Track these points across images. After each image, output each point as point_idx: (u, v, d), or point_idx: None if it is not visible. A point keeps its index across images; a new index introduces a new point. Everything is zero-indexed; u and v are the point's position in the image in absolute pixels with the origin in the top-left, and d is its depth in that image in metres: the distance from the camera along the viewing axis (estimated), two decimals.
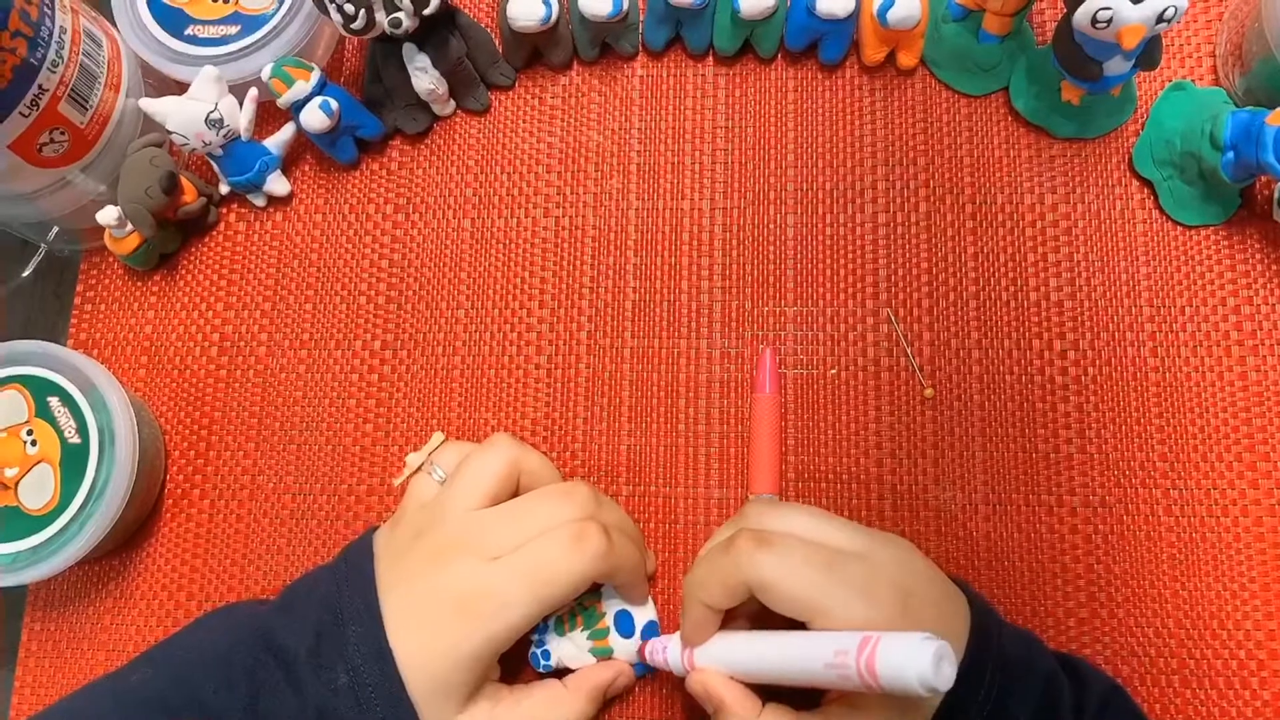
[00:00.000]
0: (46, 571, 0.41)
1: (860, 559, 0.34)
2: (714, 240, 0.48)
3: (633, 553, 0.39)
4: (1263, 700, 0.41)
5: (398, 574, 0.37)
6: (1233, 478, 0.43)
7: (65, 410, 0.43)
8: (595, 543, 0.37)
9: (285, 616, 0.37)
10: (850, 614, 0.32)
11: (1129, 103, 0.47)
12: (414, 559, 0.37)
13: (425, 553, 0.37)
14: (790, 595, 0.33)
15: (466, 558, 0.36)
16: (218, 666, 0.36)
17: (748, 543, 0.34)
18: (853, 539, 0.35)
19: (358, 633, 0.35)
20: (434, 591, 0.36)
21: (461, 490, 0.39)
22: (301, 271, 0.49)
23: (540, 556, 0.36)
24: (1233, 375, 0.44)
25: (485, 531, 0.37)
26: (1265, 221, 0.46)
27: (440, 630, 0.35)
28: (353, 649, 0.35)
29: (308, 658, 0.35)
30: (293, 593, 0.38)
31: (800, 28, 0.47)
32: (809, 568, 0.33)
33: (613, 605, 0.41)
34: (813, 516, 0.36)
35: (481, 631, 0.35)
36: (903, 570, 0.35)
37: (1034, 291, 0.46)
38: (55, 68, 0.43)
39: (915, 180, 0.48)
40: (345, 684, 0.34)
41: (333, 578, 0.38)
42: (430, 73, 0.47)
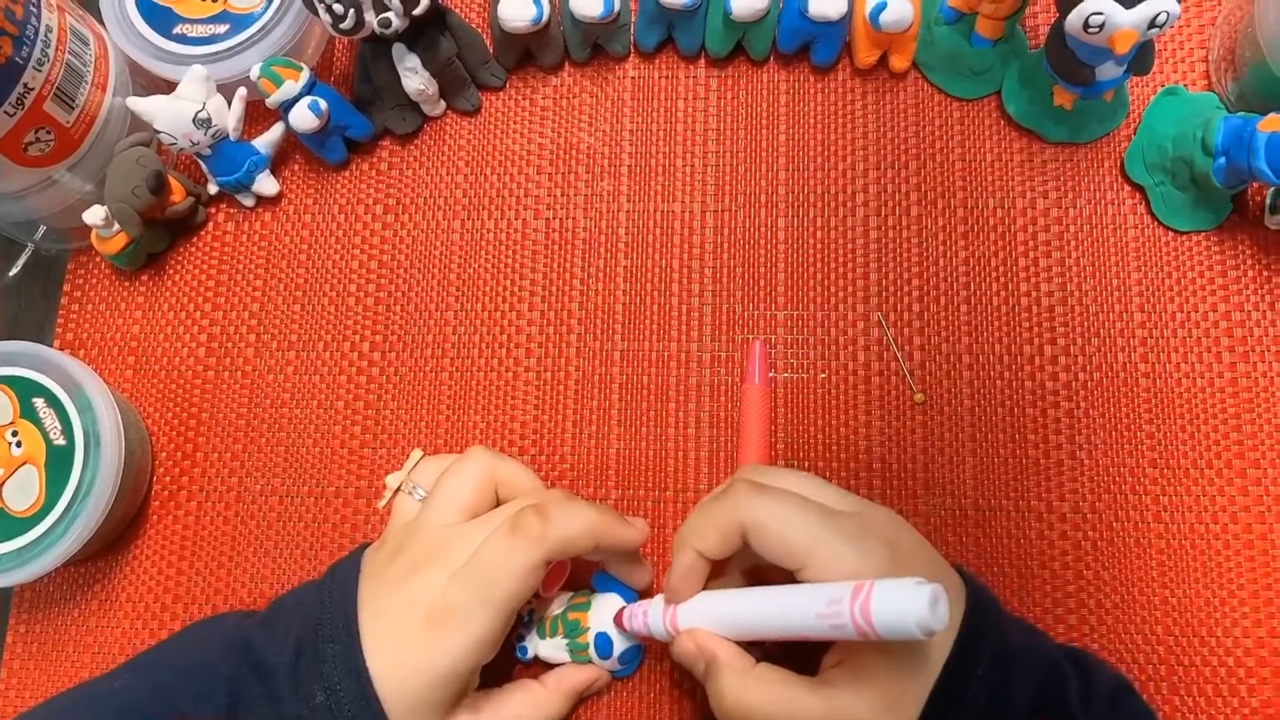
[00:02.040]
0: (31, 574, 0.41)
1: (852, 516, 0.34)
2: (705, 243, 0.48)
3: (577, 518, 0.36)
4: (1251, 708, 0.41)
5: (375, 591, 0.37)
6: (1222, 484, 0.43)
7: (50, 411, 0.43)
8: (529, 526, 0.35)
9: (268, 631, 0.36)
10: (842, 562, 0.32)
11: (1121, 108, 0.47)
12: (390, 576, 0.37)
13: (400, 569, 0.37)
14: (784, 538, 0.33)
15: (435, 572, 0.36)
16: (198, 677, 0.35)
17: (745, 487, 0.34)
18: (845, 500, 0.36)
19: (335, 650, 0.35)
20: (406, 608, 0.35)
21: (437, 505, 0.38)
22: (290, 272, 0.49)
23: (483, 559, 0.36)
24: (1223, 381, 0.44)
25: (456, 545, 0.37)
26: (1257, 227, 0.45)
27: (412, 648, 0.35)
28: (330, 667, 0.34)
29: (287, 673, 0.35)
30: (278, 606, 0.38)
31: (792, 30, 0.47)
32: (803, 514, 0.33)
33: (597, 624, 0.40)
34: (807, 478, 0.37)
35: (448, 647, 0.35)
36: (894, 529, 0.35)
37: (1025, 296, 0.46)
38: (41, 66, 0.42)
39: (907, 184, 0.47)
40: (322, 702, 0.34)
41: (317, 594, 0.37)
42: (420, 73, 0.47)
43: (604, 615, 0.40)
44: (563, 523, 0.36)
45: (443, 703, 0.35)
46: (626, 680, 0.42)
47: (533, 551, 0.35)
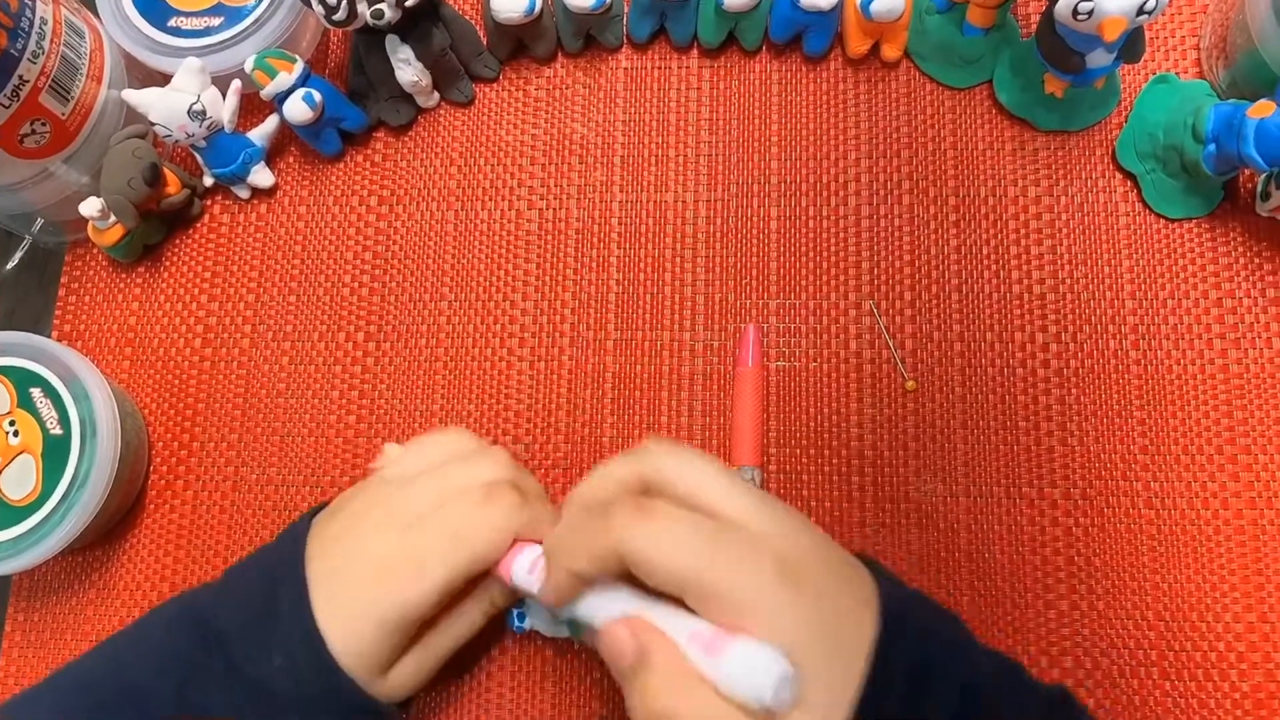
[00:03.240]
0: (28, 562, 0.41)
1: (739, 534, 0.31)
2: (697, 232, 0.48)
3: (548, 519, 0.37)
4: (1241, 692, 0.41)
5: (325, 549, 0.37)
6: (1213, 470, 0.43)
7: (48, 401, 0.43)
8: (508, 498, 0.36)
9: (223, 598, 0.37)
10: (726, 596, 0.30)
11: (1113, 96, 0.47)
12: (340, 531, 0.37)
13: (351, 524, 0.37)
14: (665, 570, 0.30)
15: (387, 524, 0.36)
16: (154, 651, 0.36)
17: (625, 513, 0.31)
18: (743, 505, 0.32)
19: (288, 611, 0.35)
20: (357, 561, 0.36)
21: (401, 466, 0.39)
22: (285, 263, 0.49)
23: (453, 516, 0.36)
24: (1214, 368, 0.44)
25: (405, 497, 0.37)
26: (1247, 215, 0.46)
27: (364, 601, 0.35)
28: (285, 629, 0.35)
29: (239, 638, 0.35)
30: (232, 572, 0.39)
31: (784, 20, 0.47)
32: (687, 541, 0.31)
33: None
34: (708, 473, 0.33)
35: (399, 597, 0.35)
36: (788, 539, 0.32)
37: (1016, 284, 0.46)
38: (36, 59, 0.43)
39: (899, 173, 0.48)
40: (281, 664, 0.35)
41: (270, 555, 0.38)
42: (414, 65, 0.47)
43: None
44: (538, 512, 0.37)
45: (391, 649, 0.36)
46: None
47: (506, 520, 0.36)
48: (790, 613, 0.30)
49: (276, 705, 0.35)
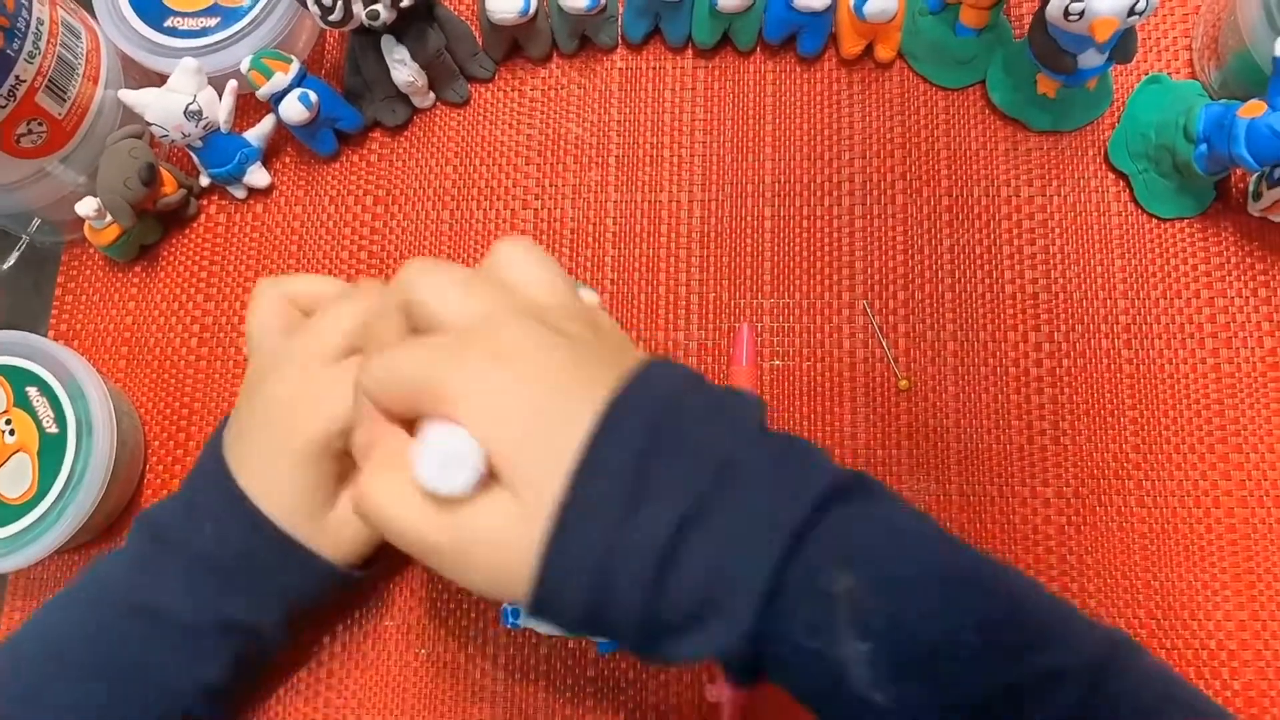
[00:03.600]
0: (24, 560, 0.42)
1: (460, 335, 0.29)
2: (692, 232, 0.48)
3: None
4: (1233, 690, 0.41)
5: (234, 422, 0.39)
6: (1205, 469, 0.43)
7: (43, 400, 0.43)
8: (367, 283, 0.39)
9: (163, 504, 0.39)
10: (440, 395, 0.28)
11: (1105, 96, 0.47)
12: (242, 402, 0.39)
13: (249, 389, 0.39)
14: (388, 399, 0.30)
15: (281, 372, 0.38)
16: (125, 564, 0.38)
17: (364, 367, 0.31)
18: (470, 311, 0.30)
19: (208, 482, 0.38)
20: (255, 416, 0.38)
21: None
22: (281, 263, 0.49)
23: (320, 325, 0.38)
24: (1206, 367, 0.45)
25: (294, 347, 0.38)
26: (1239, 214, 0.46)
27: (267, 443, 0.37)
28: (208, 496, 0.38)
29: (174, 524, 0.38)
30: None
31: (778, 20, 0.47)
32: (399, 368, 0.29)
33: None
34: (442, 287, 0.30)
35: (306, 425, 0.36)
36: (508, 336, 0.29)
37: (1009, 284, 0.46)
38: (32, 59, 0.43)
39: (892, 173, 0.48)
40: (211, 530, 0.37)
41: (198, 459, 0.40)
42: (409, 65, 0.47)
43: None
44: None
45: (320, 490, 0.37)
46: (615, 665, 0.43)
47: (369, 302, 0.37)
48: (489, 397, 0.28)
49: (225, 574, 0.37)
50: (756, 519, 0.26)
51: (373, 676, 0.43)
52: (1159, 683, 0.29)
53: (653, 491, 0.26)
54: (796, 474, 0.28)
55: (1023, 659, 0.27)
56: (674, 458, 0.27)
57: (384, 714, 0.42)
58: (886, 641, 0.26)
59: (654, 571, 0.26)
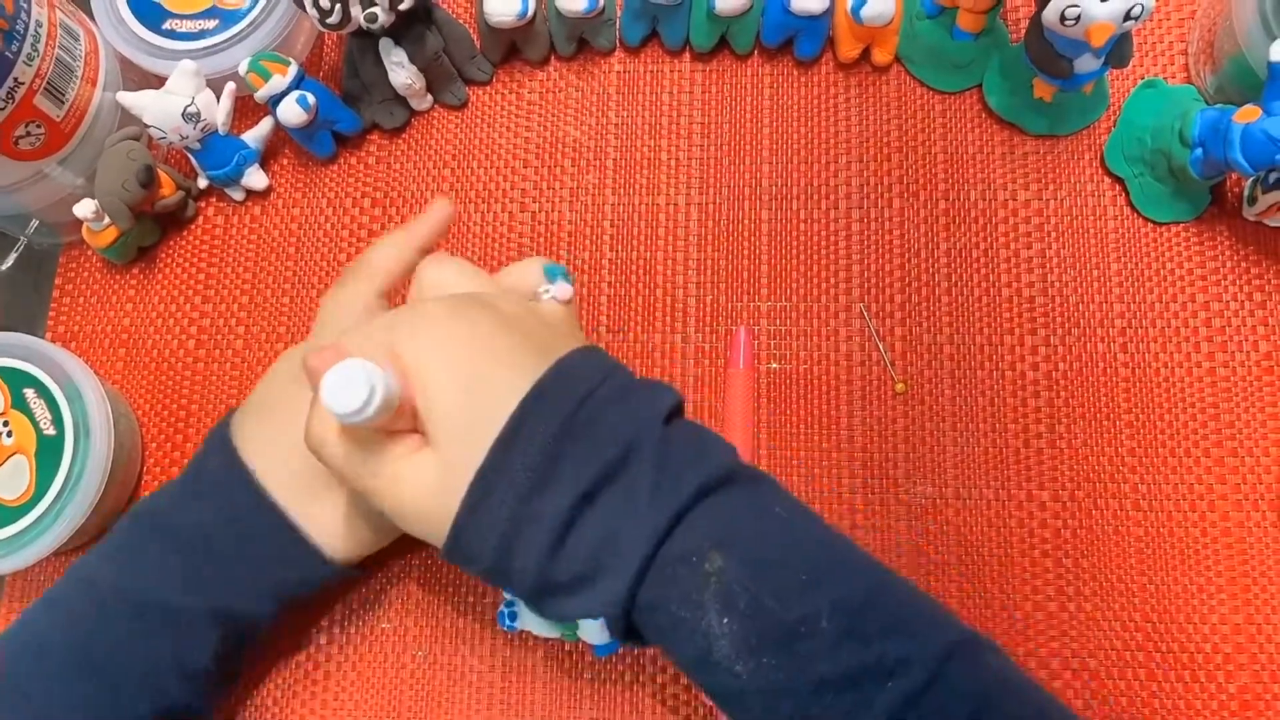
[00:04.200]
0: (22, 562, 0.42)
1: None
2: (689, 235, 0.48)
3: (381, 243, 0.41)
4: (1228, 693, 0.41)
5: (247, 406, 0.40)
6: (1200, 473, 0.44)
7: (41, 402, 0.43)
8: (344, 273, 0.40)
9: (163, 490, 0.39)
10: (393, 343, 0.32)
11: (1101, 100, 0.47)
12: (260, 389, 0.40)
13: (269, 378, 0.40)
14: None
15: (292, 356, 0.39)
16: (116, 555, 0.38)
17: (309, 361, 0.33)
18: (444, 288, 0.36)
19: (213, 461, 0.38)
20: (270, 395, 0.39)
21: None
22: (279, 265, 0.49)
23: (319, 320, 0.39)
24: (1201, 371, 0.45)
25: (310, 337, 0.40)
26: (1235, 219, 0.46)
27: (286, 422, 0.36)
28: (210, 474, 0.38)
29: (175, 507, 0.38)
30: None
31: (776, 24, 0.48)
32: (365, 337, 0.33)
33: None
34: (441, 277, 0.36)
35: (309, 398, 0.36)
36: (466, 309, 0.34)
37: (1006, 288, 0.46)
38: (31, 61, 0.43)
39: (889, 176, 0.48)
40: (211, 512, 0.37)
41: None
42: (407, 68, 0.47)
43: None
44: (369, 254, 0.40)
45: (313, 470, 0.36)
46: (612, 667, 0.43)
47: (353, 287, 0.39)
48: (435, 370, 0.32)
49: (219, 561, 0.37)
50: (642, 500, 0.30)
51: (369, 678, 0.43)
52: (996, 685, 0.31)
53: (558, 472, 0.30)
54: (688, 460, 0.31)
55: (871, 644, 0.29)
56: (580, 441, 0.31)
57: (380, 716, 0.42)
58: (747, 619, 0.29)
59: (549, 541, 0.30)
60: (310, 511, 0.37)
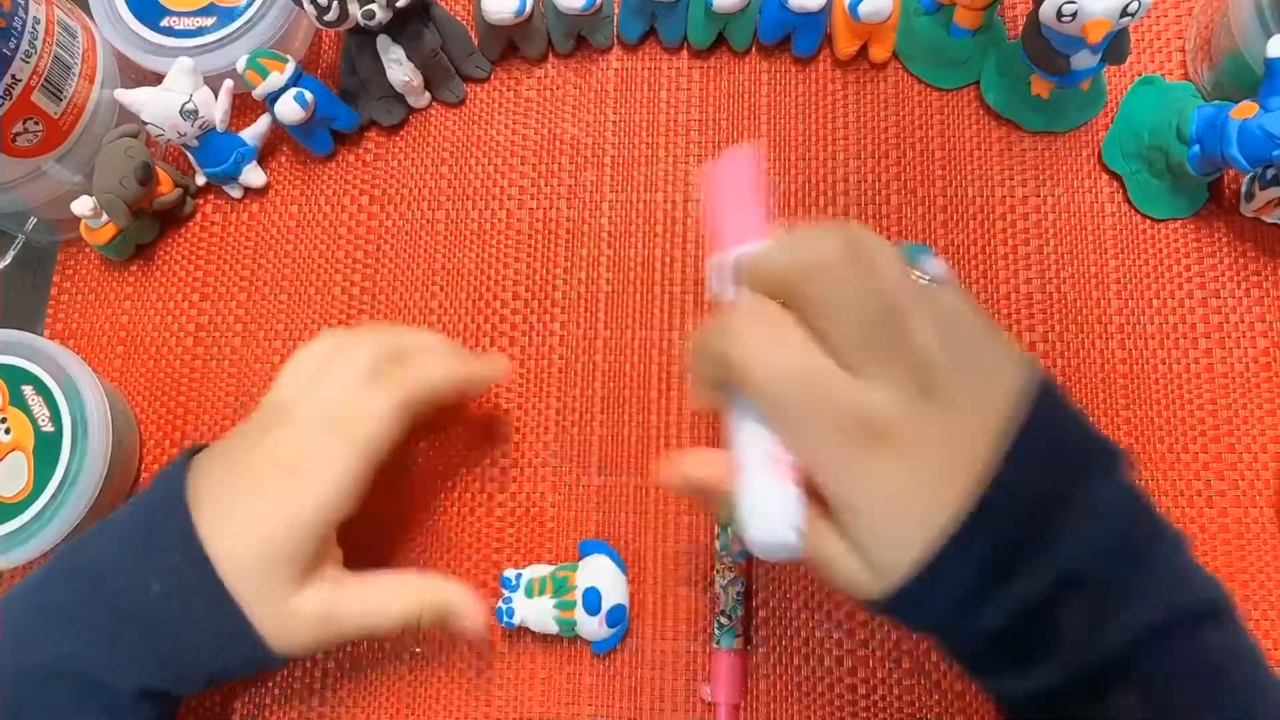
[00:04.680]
0: (20, 558, 0.42)
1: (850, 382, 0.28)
2: (687, 232, 0.48)
3: (436, 362, 0.38)
4: None
5: (210, 468, 0.36)
6: (1198, 468, 0.44)
7: (39, 399, 0.43)
8: (389, 375, 0.36)
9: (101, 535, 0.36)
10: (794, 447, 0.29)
11: (1099, 97, 0.47)
12: (226, 449, 0.36)
13: (237, 441, 0.37)
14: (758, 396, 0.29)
15: (276, 429, 0.35)
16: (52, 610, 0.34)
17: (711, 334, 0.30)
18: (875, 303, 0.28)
19: (166, 532, 0.34)
20: (246, 471, 0.35)
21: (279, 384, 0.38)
22: (277, 262, 0.49)
23: (342, 406, 0.35)
24: (1199, 367, 0.45)
25: (292, 402, 0.36)
26: (1232, 215, 0.46)
27: (256, 505, 0.34)
28: (163, 549, 0.34)
29: (115, 571, 0.34)
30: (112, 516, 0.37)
31: (773, 21, 0.48)
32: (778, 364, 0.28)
33: (585, 580, 0.41)
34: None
35: (300, 492, 0.34)
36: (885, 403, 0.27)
37: (1004, 284, 0.46)
38: (29, 58, 0.43)
39: (887, 173, 0.48)
40: (159, 590, 0.33)
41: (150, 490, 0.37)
42: (405, 65, 0.47)
43: (591, 574, 0.41)
44: (424, 369, 0.37)
45: (294, 561, 0.34)
46: (610, 664, 0.43)
47: (394, 395, 0.35)
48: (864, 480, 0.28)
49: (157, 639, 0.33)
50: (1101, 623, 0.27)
51: (367, 676, 0.43)
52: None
53: (993, 594, 0.27)
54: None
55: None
56: (1027, 559, 0.27)
57: (378, 714, 0.42)
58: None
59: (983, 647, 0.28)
60: (262, 605, 0.34)
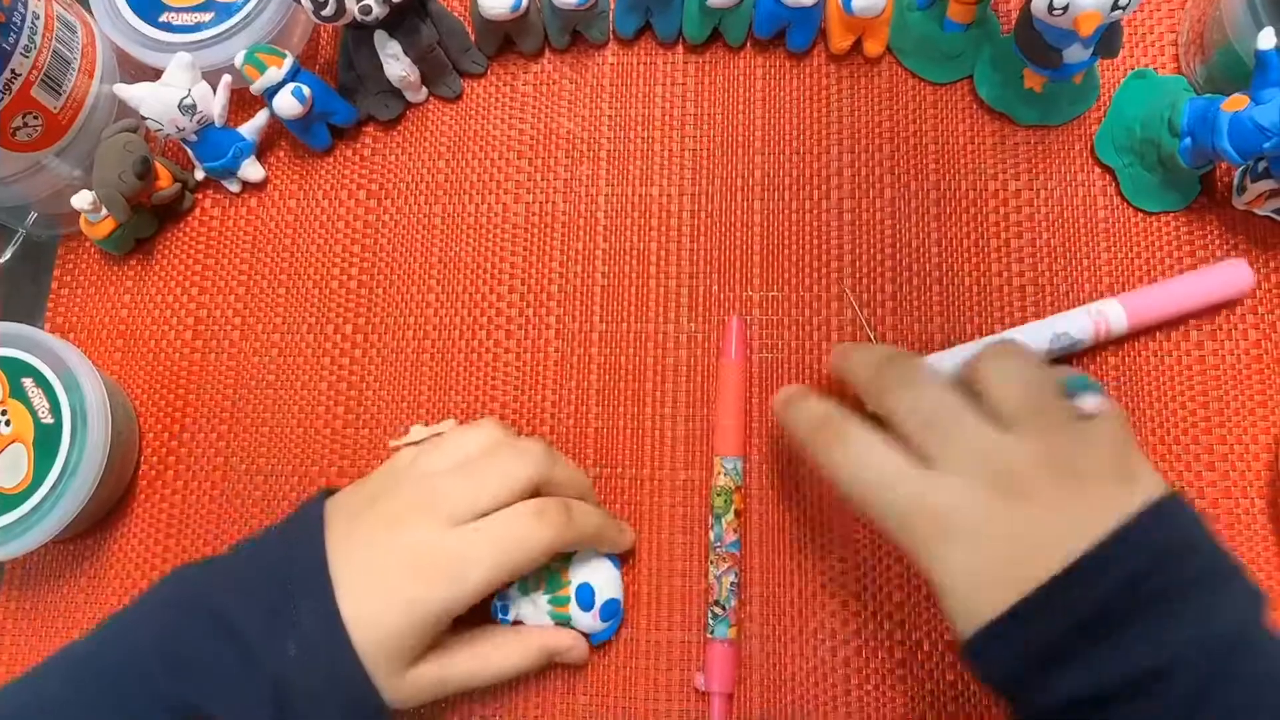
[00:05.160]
0: (20, 549, 0.42)
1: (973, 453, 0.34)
2: (682, 226, 0.48)
3: (593, 521, 0.40)
4: None
5: (351, 538, 0.37)
6: (1189, 460, 0.44)
7: (39, 391, 0.44)
8: (557, 518, 0.38)
9: (235, 591, 0.36)
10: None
11: (1091, 90, 0.48)
12: (369, 522, 0.37)
13: (381, 517, 0.37)
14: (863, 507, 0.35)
15: (425, 521, 0.37)
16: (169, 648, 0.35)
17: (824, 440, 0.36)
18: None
19: (308, 603, 0.35)
20: (390, 554, 0.36)
21: (436, 456, 0.40)
22: (275, 256, 0.50)
23: (504, 528, 0.37)
24: (1190, 359, 0.45)
25: (443, 495, 0.38)
26: (1224, 208, 0.46)
27: (396, 592, 0.36)
28: (303, 617, 0.35)
29: (259, 635, 0.35)
30: (242, 560, 0.38)
31: (768, 16, 0.48)
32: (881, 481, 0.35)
33: (579, 576, 0.41)
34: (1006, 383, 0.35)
35: (441, 593, 0.36)
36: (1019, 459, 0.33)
37: (996, 276, 0.47)
38: (28, 53, 0.43)
39: (880, 167, 0.48)
40: (295, 655, 0.34)
41: (282, 543, 0.38)
42: (402, 60, 0.48)
43: (584, 570, 0.41)
44: (583, 525, 0.39)
45: (419, 645, 0.36)
46: (605, 654, 0.43)
47: (554, 540, 0.38)
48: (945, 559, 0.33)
49: (287, 699, 0.34)
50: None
51: None
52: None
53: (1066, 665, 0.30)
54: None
55: None
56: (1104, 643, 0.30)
57: None
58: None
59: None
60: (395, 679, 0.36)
